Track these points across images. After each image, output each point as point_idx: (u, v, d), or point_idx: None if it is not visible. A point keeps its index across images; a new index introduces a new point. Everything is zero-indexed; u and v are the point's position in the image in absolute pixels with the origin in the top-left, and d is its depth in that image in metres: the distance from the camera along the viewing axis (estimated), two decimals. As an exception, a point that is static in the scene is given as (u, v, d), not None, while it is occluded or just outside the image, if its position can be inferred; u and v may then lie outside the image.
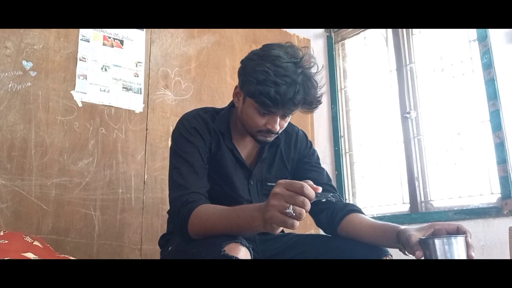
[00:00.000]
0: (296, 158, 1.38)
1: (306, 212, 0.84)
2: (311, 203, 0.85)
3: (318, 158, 1.42)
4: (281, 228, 0.91)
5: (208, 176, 1.21)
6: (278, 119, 1.17)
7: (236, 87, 1.24)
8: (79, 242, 1.83)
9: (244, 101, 1.19)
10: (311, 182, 0.87)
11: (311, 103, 1.16)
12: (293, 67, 1.11)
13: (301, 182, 0.85)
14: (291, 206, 0.84)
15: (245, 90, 1.17)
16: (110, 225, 1.92)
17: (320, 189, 0.88)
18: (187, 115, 1.29)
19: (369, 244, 1.16)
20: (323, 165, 1.43)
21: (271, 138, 1.23)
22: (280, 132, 1.22)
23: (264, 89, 1.09)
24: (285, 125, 1.22)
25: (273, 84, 1.08)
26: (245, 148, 1.31)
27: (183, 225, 1.07)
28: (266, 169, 1.33)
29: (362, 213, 1.26)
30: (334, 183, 1.89)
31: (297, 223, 0.84)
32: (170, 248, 1.22)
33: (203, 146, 1.22)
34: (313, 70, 1.16)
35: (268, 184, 1.28)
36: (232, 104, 1.31)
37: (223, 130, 1.27)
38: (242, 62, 1.21)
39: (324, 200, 0.93)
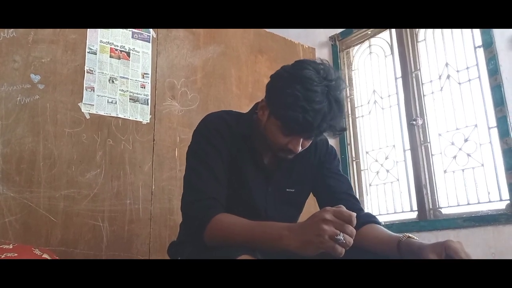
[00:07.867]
0: (316, 163, 1.32)
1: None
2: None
3: (339, 164, 1.37)
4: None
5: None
6: (301, 140, 1.13)
7: (262, 100, 1.19)
8: (88, 253, 1.83)
9: (269, 118, 1.15)
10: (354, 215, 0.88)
11: (335, 131, 1.12)
12: (324, 92, 1.06)
13: (350, 212, 0.87)
14: (342, 233, 0.85)
15: (272, 109, 1.13)
16: (118, 236, 1.92)
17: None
18: (210, 116, 1.25)
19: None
20: None
21: (291, 156, 1.18)
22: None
23: (291, 114, 1.05)
24: (307, 145, 1.17)
25: (301, 109, 1.03)
26: (266, 155, 1.25)
27: (200, 229, 1.05)
28: (286, 176, 1.28)
29: (380, 223, 1.22)
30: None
31: (343, 251, 0.85)
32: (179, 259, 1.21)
33: (225, 149, 1.18)
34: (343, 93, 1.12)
35: (287, 190, 1.27)
36: (255, 108, 1.26)
37: (247, 134, 1.23)
38: (272, 77, 1.16)
39: None
